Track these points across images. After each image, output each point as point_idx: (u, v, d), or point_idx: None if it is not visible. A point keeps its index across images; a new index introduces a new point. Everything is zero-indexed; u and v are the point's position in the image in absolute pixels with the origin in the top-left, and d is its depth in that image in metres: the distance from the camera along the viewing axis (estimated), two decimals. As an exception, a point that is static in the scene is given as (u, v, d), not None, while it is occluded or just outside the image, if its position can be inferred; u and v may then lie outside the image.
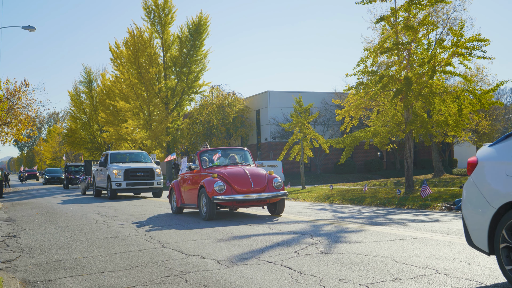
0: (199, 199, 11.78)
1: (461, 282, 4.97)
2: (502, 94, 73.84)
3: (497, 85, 16.13)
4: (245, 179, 11.37)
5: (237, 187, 11.25)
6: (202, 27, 39.86)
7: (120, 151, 25.32)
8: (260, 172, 11.78)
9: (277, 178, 11.66)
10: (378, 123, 18.74)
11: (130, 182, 21.23)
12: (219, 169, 12.03)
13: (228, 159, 12.97)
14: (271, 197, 11.43)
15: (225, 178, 11.42)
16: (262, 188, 11.37)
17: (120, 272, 6.11)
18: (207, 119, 42.44)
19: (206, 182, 11.40)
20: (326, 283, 5.18)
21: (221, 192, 11.10)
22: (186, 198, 13.01)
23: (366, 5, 18.63)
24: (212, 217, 11.32)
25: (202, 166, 12.50)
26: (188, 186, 12.87)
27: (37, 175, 74.20)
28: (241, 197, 11.17)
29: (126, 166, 21.52)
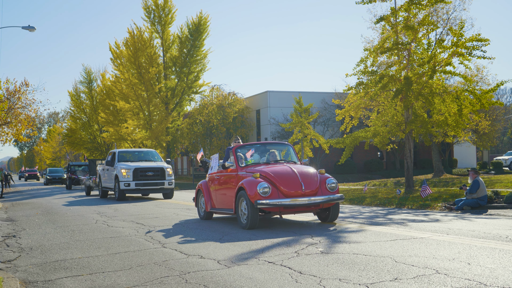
0: (236, 204, 9.89)
1: (461, 282, 4.97)
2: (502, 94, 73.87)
3: (497, 85, 16.13)
4: (294, 179, 9.47)
5: (285, 189, 9.35)
6: (202, 27, 39.87)
7: (128, 149, 23.70)
8: (310, 171, 9.88)
9: (331, 178, 9.81)
10: (378, 123, 18.74)
11: (140, 182, 19.81)
12: (260, 167, 10.12)
13: (268, 155, 11.07)
14: (325, 201, 9.50)
15: (270, 179, 9.53)
16: (314, 190, 9.49)
17: (120, 272, 6.11)
18: (207, 119, 42.45)
19: (247, 183, 9.46)
20: (326, 283, 5.18)
21: (265, 196, 9.20)
22: (218, 202, 11.21)
23: (366, 5, 18.70)
24: (255, 225, 9.45)
25: (239, 164, 10.57)
26: (221, 187, 11.06)
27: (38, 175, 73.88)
28: (290, 202, 9.24)
29: (135, 165, 20.14)
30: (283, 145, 11.76)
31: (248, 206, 9.40)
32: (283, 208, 9.39)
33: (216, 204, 11.37)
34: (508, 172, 33.93)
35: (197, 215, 12.93)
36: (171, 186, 20.56)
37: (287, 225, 10.13)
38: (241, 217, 9.79)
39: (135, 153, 22.57)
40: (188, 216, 12.75)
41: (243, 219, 9.71)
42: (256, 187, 9.27)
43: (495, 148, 66.25)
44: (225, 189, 10.86)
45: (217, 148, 42.84)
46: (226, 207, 10.80)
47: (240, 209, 9.86)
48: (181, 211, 14.29)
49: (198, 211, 12.20)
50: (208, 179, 11.99)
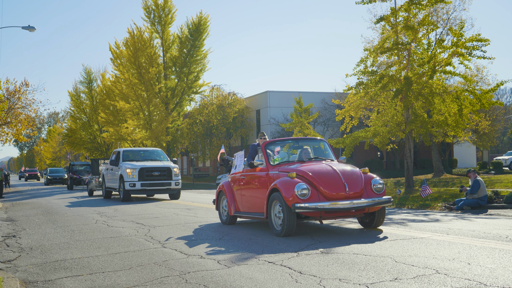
0: (268, 207, 8.72)
1: (461, 282, 4.97)
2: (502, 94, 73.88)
3: (497, 85, 16.14)
4: (336, 180, 8.33)
5: (326, 191, 8.20)
6: (202, 27, 39.89)
7: (133, 148, 22.98)
8: (353, 170, 8.76)
9: (377, 178, 8.69)
10: (378, 123, 18.75)
11: (145, 182, 19.08)
12: (294, 166, 8.96)
13: (300, 152, 9.83)
14: (372, 205, 8.30)
15: (308, 179, 8.37)
16: (359, 192, 8.34)
17: (120, 272, 6.11)
18: (207, 119, 42.45)
19: (282, 184, 8.32)
20: (326, 283, 5.18)
21: (304, 198, 8.04)
22: (245, 205, 9.98)
23: (366, 5, 18.67)
24: (291, 231, 8.30)
25: (269, 163, 9.38)
26: (248, 189, 9.85)
27: (38, 175, 73.70)
28: (333, 205, 8.07)
29: (140, 165, 19.39)
30: (317, 140, 10.49)
31: (283, 210, 8.23)
32: (325, 212, 8.22)
33: (241, 207, 10.14)
34: (508, 172, 33.92)
35: (196, 216, 12.92)
36: (178, 187, 19.88)
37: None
38: (275, 223, 8.63)
39: (140, 152, 21.85)
40: (188, 215, 12.75)
41: (277, 225, 8.56)
42: (293, 188, 8.10)
43: (495, 148, 66.24)
44: (253, 191, 9.68)
45: (217, 148, 42.83)
46: (254, 211, 9.61)
47: (273, 213, 8.68)
48: (181, 211, 14.29)
49: (220, 215, 11.00)
50: (231, 180, 10.72)
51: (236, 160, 10.81)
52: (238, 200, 10.25)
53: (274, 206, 8.64)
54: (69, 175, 36.94)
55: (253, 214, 9.64)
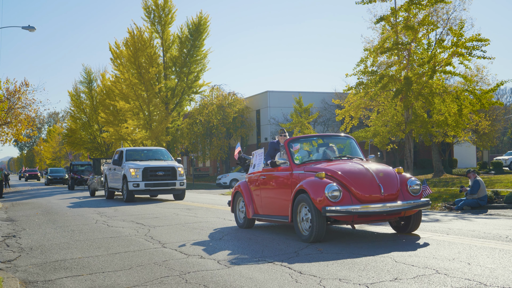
0: (294, 210, 7.96)
1: (461, 282, 4.97)
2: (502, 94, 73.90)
3: (497, 85, 16.16)
4: (370, 180, 7.63)
5: (359, 192, 7.49)
6: (202, 27, 39.91)
7: (137, 147, 22.46)
8: (387, 169, 8.03)
9: (412, 178, 7.98)
10: (378, 123, 18.76)
11: (150, 182, 18.58)
12: (322, 165, 8.24)
13: (325, 150, 9.05)
14: (410, 208, 7.59)
15: (339, 179, 7.65)
16: (394, 194, 7.62)
17: (120, 272, 6.11)
18: (207, 119, 42.47)
19: (310, 185, 7.60)
20: (326, 283, 5.18)
21: (335, 201, 7.32)
22: (265, 207, 9.26)
23: (366, 5, 18.66)
24: (320, 237, 7.59)
25: (293, 161, 8.65)
26: (269, 189, 9.13)
27: (38, 175, 73.49)
28: (367, 209, 7.36)
29: (144, 165, 18.90)
30: (343, 137, 9.68)
31: (312, 214, 7.49)
32: (358, 216, 7.48)
33: (260, 210, 9.42)
34: (508, 172, 33.90)
35: (196, 216, 12.91)
36: (182, 187, 19.36)
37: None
38: (301, 227, 7.90)
39: (144, 151, 21.31)
40: (188, 216, 12.75)
41: (304, 229, 7.84)
42: (323, 189, 7.37)
43: (495, 148, 66.24)
44: (274, 192, 8.95)
45: (217, 148, 42.85)
46: (275, 214, 8.85)
47: (299, 217, 7.94)
48: (181, 211, 14.29)
49: (236, 218, 10.28)
50: (248, 180, 10.01)
51: (254, 159, 10.00)
52: (256, 202, 9.54)
53: (301, 209, 7.89)
54: (70, 175, 36.41)
55: (274, 218, 8.90)
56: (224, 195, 23.70)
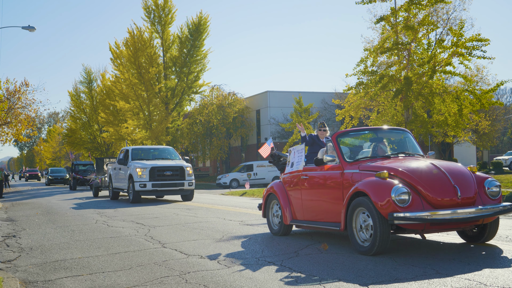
0: (348, 216, 6.77)
1: (461, 282, 4.97)
2: (502, 94, 73.89)
3: (497, 85, 16.16)
4: (444, 181, 6.41)
5: (432, 195, 6.28)
6: (202, 27, 39.93)
7: (143, 146, 21.35)
8: (461, 168, 6.84)
9: (490, 179, 6.76)
10: (378, 123, 18.75)
11: (157, 182, 17.88)
12: (381, 162, 7.06)
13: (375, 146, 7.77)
14: (490, 215, 6.38)
15: (406, 180, 6.46)
16: (472, 197, 6.43)
17: (120, 272, 6.11)
18: (207, 119, 42.48)
19: (371, 187, 6.44)
20: (326, 283, 5.18)
21: (404, 205, 6.15)
22: (307, 212, 8.04)
23: (366, 5, 18.66)
24: (384, 248, 6.40)
25: (344, 159, 7.40)
26: (313, 191, 7.91)
27: (39, 175, 73.25)
28: (442, 215, 6.16)
29: (151, 164, 18.18)
30: (399, 131, 8.37)
31: (375, 221, 6.29)
32: (431, 224, 6.27)
33: (300, 215, 8.24)
34: (508, 172, 33.91)
35: (196, 216, 12.89)
36: (191, 187, 18.60)
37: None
38: (358, 237, 6.71)
39: (151, 150, 20.64)
40: (188, 216, 12.74)
41: (362, 239, 6.66)
42: (389, 192, 6.21)
43: (495, 148, 66.23)
44: (320, 194, 7.74)
45: (217, 148, 42.85)
46: (322, 220, 7.68)
47: (355, 224, 6.74)
48: (181, 211, 14.29)
49: (269, 224, 9.05)
50: (283, 180, 8.88)
51: (292, 157, 8.79)
52: (295, 205, 8.35)
53: (357, 215, 6.68)
54: (71, 175, 35.68)
55: (319, 224, 7.74)
56: (224, 195, 23.71)
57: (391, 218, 6.12)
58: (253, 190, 24.39)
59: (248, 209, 14.38)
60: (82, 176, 34.77)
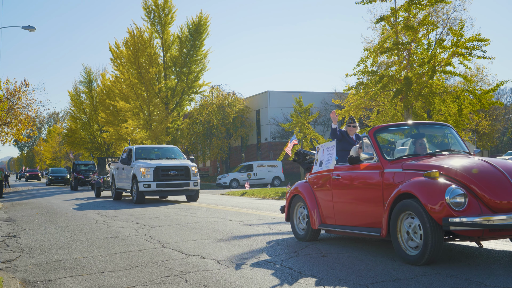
0: (392, 221, 6.06)
1: (461, 282, 4.98)
2: (502, 94, 73.89)
3: (497, 85, 16.16)
4: (503, 181, 5.71)
5: (490, 197, 5.59)
6: (202, 27, 39.92)
7: (147, 145, 21.10)
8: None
9: None
10: (378, 123, 18.75)
11: (161, 182, 17.48)
12: (427, 160, 6.37)
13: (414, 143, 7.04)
14: None
15: (460, 180, 5.78)
16: None
17: (120, 272, 6.11)
18: (207, 119, 42.49)
19: (420, 188, 5.76)
20: (326, 283, 5.18)
21: (460, 209, 5.48)
22: (339, 215, 7.36)
23: (366, 5, 18.68)
24: (436, 258, 5.71)
25: (384, 157, 6.72)
26: (347, 192, 7.21)
27: (39, 175, 72.88)
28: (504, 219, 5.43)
29: (156, 164, 17.76)
30: (442, 126, 7.64)
31: (425, 227, 5.60)
32: (490, 230, 5.57)
33: (331, 219, 7.55)
34: (508, 172, 33.86)
35: (196, 216, 12.88)
36: (196, 187, 18.18)
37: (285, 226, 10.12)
38: (405, 244, 5.98)
39: (154, 149, 20.13)
40: (188, 216, 12.74)
41: (410, 247, 5.94)
42: (443, 193, 5.52)
43: (495, 148, 66.23)
44: (355, 196, 7.04)
45: (217, 148, 42.85)
46: (357, 224, 6.98)
47: (400, 229, 6.02)
48: (181, 211, 14.29)
49: (294, 228, 8.31)
50: (310, 180, 8.15)
51: (321, 154, 8.02)
52: (325, 208, 7.65)
53: (403, 219, 5.99)
54: (73, 175, 35.17)
55: (355, 229, 7.00)
56: (224, 195, 23.71)
57: (446, 224, 5.41)
58: (253, 190, 24.40)
59: (248, 209, 14.38)
60: (83, 176, 34.32)
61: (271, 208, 14.85)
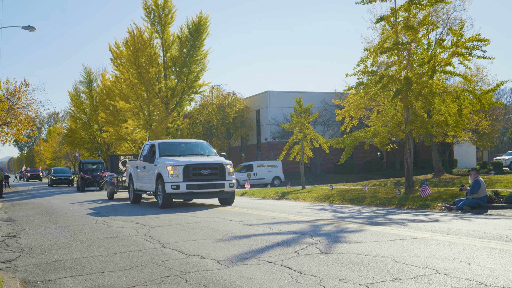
0: None
1: (461, 282, 4.97)
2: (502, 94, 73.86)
3: (497, 85, 16.14)
4: None
5: None
6: (202, 27, 39.93)
7: (172, 140, 18.24)
8: None
9: None
10: (378, 123, 18.74)
11: (193, 183, 14.97)
12: None
13: None
14: None
15: None
16: None
17: (120, 272, 6.11)
18: (207, 119, 42.48)
19: None
20: (326, 283, 5.18)
21: None
22: None
23: (366, 5, 18.65)
24: None
25: None
26: None
27: (41, 175, 71.47)
28: None
29: (185, 161, 15.22)
30: None
31: None
32: None
33: None
34: (508, 172, 33.92)
35: (196, 216, 12.83)
36: (232, 189, 15.74)
37: (287, 225, 10.12)
38: None
39: (182, 144, 17.42)
40: (188, 216, 12.73)
41: None
42: None
43: (495, 148, 66.25)
44: None
45: (217, 148, 42.84)
46: None
47: None
48: (181, 211, 14.27)
49: None
50: None
51: None
52: None
53: None
54: (79, 174, 32.63)
55: None
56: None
57: None
58: (253, 190, 24.39)
59: (248, 209, 14.38)
60: (91, 176, 31.95)
61: (271, 208, 14.84)
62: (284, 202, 18.10)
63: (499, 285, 4.83)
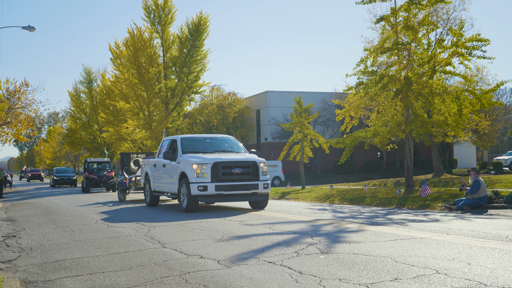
0: None
1: (461, 282, 4.97)
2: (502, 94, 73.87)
3: (497, 85, 16.15)
4: None
5: None
6: (202, 27, 39.91)
7: (196, 135, 16.36)
8: None
9: None
10: (378, 123, 18.74)
11: (222, 184, 13.21)
12: None
13: None
14: None
15: None
16: None
17: (120, 272, 6.11)
18: (207, 119, 42.48)
19: None
20: (326, 283, 5.18)
21: None
22: None
23: (366, 5, 18.64)
24: None
25: None
26: None
27: (42, 175, 70.61)
28: None
29: (214, 158, 13.47)
30: None
31: None
32: None
33: None
34: (508, 172, 33.92)
35: (196, 216, 12.81)
36: (266, 190, 13.91)
37: (287, 224, 10.12)
38: None
39: (207, 140, 15.72)
40: (188, 215, 12.72)
41: None
42: None
43: (495, 148, 66.24)
44: None
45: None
46: None
47: None
48: (181, 211, 14.27)
49: None
50: None
51: None
52: None
53: None
54: (84, 174, 31.01)
55: None
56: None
57: None
58: (253, 190, 24.33)
59: (248, 209, 14.37)
60: (96, 176, 30.50)
61: (271, 208, 14.84)
62: (284, 202, 18.10)
63: (499, 285, 4.83)
